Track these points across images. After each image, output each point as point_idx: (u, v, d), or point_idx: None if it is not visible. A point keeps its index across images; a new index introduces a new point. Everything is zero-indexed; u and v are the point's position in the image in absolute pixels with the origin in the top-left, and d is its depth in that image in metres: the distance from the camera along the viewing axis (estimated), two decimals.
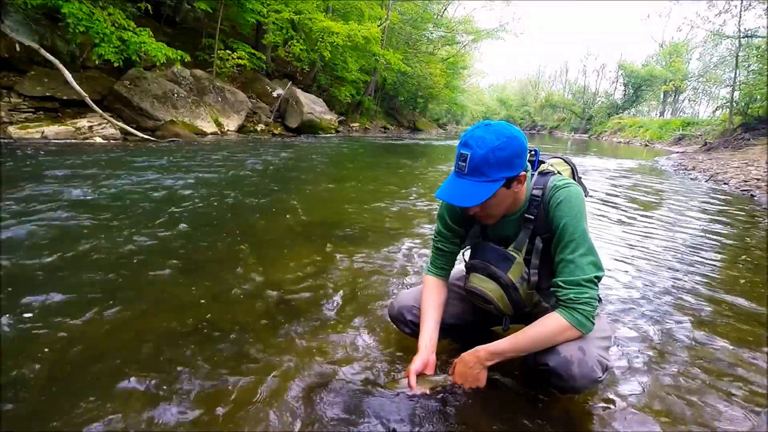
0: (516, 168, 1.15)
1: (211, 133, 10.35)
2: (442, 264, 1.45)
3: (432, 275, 1.45)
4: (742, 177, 7.92)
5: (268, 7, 12.96)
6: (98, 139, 7.61)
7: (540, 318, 1.18)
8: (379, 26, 17.60)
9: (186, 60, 9.73)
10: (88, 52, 8.23)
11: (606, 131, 34.35)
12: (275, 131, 12.95)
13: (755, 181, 7.41)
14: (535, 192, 1.25)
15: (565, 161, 1.45)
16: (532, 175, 1.30)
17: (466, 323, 1.53)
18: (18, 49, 7.34)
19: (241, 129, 11.81)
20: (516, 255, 1.28)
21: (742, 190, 6.83)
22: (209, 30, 12.91)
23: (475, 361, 1.21)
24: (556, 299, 1.18)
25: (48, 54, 7.36)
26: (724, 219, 4.58)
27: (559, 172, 1.33)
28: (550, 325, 1.14)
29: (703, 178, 8.49)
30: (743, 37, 17.51)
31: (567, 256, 1.16)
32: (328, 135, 14.32)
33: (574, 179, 1.41)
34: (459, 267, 1.55)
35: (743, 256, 3.18)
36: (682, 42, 36.00)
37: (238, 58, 12.19)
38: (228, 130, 11.22)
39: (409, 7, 23.89)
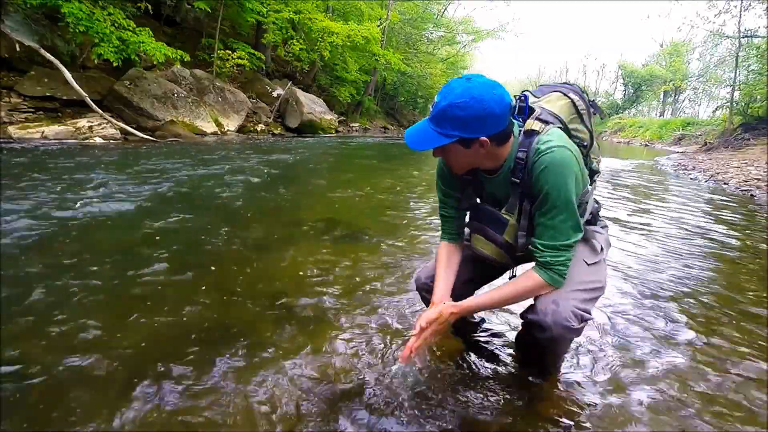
0: (472, 131, 1.10)
1: (211, 133, 10.35)
2: (450, 229, 1.47)
3: (445, 241, 1.48)
4: (742, 177, 7.92)
5: (268, 6, 12.96)
6: (98, 139, 7.61)
7: (518, 277, 1.27)
8: (379, 26, 17.59)
9: (186, 60, 9.73)
10: (88, 52, 8.23)
11: (606, 131, 34.34)
12: (275, 131, 12.94)
13: (755, 180, 7.41)
14: (519, 155, 1.20)
15: (564, 94, 1.33)
16: (520, 130, 1.22)
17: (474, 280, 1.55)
18: (18, 49, 7.34)
19: (241, 129, 11.81)
20: (509, 218, 1.30)
21: (742, 190, 6.83)
22: (209, 30, 12.91)
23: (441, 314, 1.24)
24: (534, 258, 1.23)
25: (48, 54, 7.35)
26: (724, 218, 4.57)
27: (552, 117, 1.25)
28: (527, 283, 1.22)
29: (703, 178, 8.49)
30: (743, 37, 17.49)
31: (547, 222, 1.18)
32: (329, 135, 14.31)
33: (577, 112, 1.32)
34: None
35: (743, 256, 3.18)
36: (682, 42, 35.99)
37: (238, 58, 12.19)
38: (228, 130, 11.21)
39: (409, 7, 23.88)
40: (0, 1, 7.02)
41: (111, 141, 7.74)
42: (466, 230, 1.49)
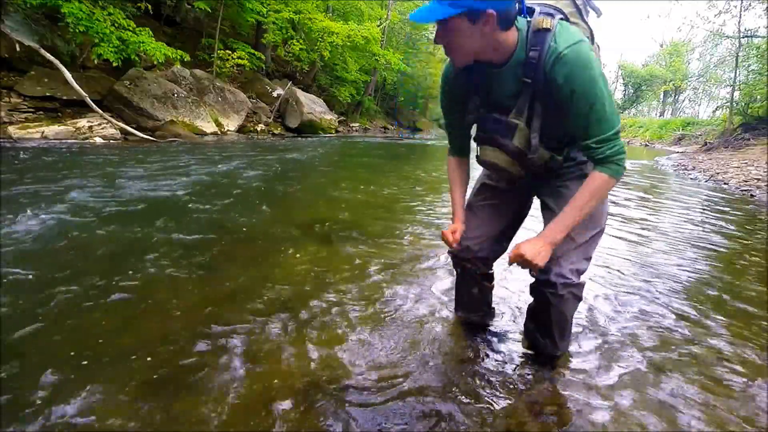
0: (481, 0, 1.07)
1: (211, 133, 10.34)
2: (457, 145, 1.53)
3: (452, 156, 1.54)
4: (742, 177, 7.92)
5: (268, 6, 12.96)
6: (98, 139, 7.61)
7: (583, 185, 1.22)
8: (379, 26, 17.60)
9: (186, 60, 9.72)
10: (88, 52, 8.23)
11: None
12: (275, 131, 12.94)
13: (755, 181, 7.41)
14: (532, 54, 1.16)
15: None
16: (528, 24, 1.18)
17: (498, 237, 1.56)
18: (18, 49, 7.33)
19: (241, 129, 11.80)
20: (518, 122, 1.27)
21: (742, 190, 6.83)
22: (209, 30, 12.91)
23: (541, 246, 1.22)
24: (590, 158, 1.21)
25: (48, 54, 7.35)
26: (723, 219, 4.57)
27: (554, 10, 1.22)
28: (595, 184, 1.19)
29: (703, 178, 8.49)
30: (743, 37, 17.50)
31: (591, 117, 1.15)
32: (329, 135, 14.31)
33: (575, 6, 1.29)
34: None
35: (743, 256, 3.18)
36: (682, 42, 36.01)
37: (238, 58, 12.19)
38: (228, 130, 11.21)
39: (409, 7, 23.85)
40: (0, 1, 7.02)
41: (111, 141, 7.74)
42: (474, 149, 1.48)
